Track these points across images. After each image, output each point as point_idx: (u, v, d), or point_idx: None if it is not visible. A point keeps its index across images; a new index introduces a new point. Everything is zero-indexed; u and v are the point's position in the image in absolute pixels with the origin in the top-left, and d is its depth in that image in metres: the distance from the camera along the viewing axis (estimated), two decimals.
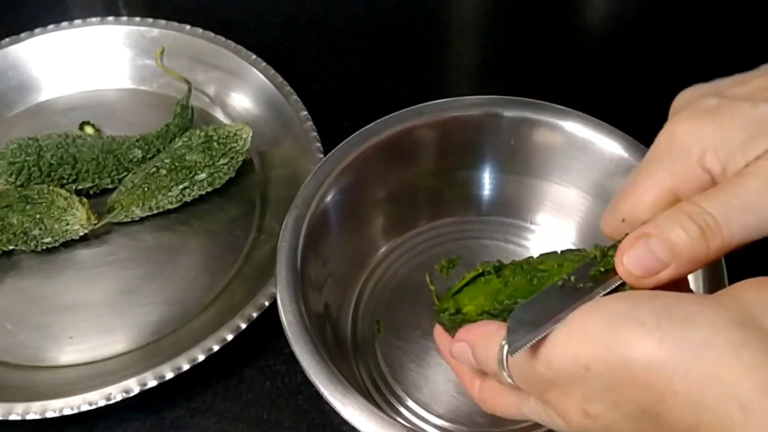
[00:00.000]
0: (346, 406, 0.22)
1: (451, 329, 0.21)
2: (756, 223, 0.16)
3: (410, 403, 0.27)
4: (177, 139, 0.34)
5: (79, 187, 0.33)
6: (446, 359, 0.22)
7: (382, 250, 0.31)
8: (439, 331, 0.22)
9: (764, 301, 0.15)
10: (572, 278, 0.18)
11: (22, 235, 0.31)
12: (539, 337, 0.16)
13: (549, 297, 0.18)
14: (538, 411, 0.18)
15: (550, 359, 0.16)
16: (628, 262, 0.17)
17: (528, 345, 0.16)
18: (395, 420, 0.23)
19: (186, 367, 0.27)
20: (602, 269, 0.18)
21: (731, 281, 0.24)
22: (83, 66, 0.38)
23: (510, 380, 0.18)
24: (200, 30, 0.38)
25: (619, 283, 0.17)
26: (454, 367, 0.21)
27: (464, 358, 0.19)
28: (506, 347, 0.17)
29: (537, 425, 0.26)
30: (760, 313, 0.15)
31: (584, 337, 0.15)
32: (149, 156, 0.34)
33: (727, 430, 0.14)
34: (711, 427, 0.14)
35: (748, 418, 0.14)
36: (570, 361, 0.16)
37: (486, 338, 0.18)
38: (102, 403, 0.26)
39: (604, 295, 0.17)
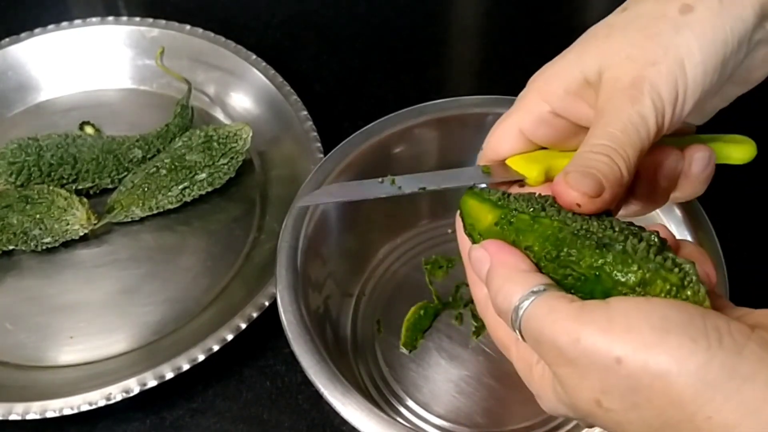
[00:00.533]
0: (346, 406, 0.22)
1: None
2: (635, 136, 0.18)
3: (410, 403, 0.27)
4: (177, 139, 0.34)
5: (79, 187, 0.33)
6: (463, 257, 0.20)
7: (382, 250, 0.31)
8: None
9: None
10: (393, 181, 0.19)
11: (22, 235, 0.31)
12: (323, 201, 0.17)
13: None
14: (529, 365, 0.17)
15: (579, 337, 0.15)
16: (575, 183, 0.17)
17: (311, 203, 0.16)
18: (395, 420, 0.23)
19: (186, 366, 0.27)
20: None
21: (732, 287, 0.24)
22: (83, 66, 0.38)
23: (519, 335, 0.17)
24: (200, 30, 0.38)
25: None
26: (467, 268, 0.20)
27: (478, 269, 0.18)
28: (526, 304, 0.16)
29: (539, 425, 0.26)
30: None
31: (627, 331, 0.15)
32: (149, 156, 0.34)
33: None
34: None
35: None
36: (604, 349, 0.15)
37: (510, 275, 0.17)
38: (102, 403, 0.26)
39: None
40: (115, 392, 0.26)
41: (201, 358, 0.27)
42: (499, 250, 0.18)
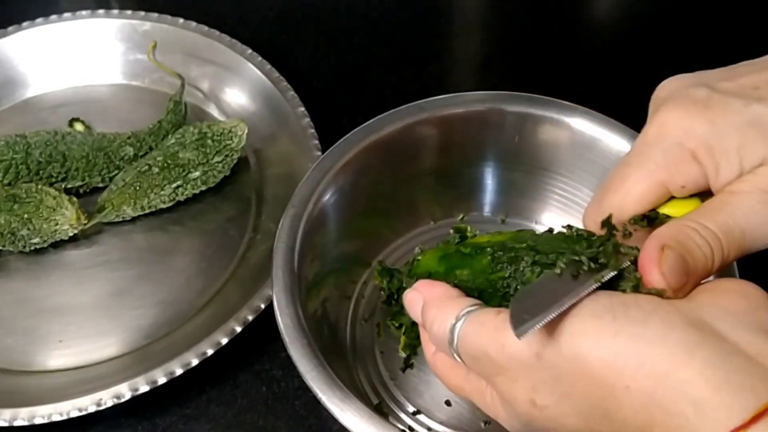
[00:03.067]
0: (345, 412, 0.22)
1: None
2: (750, 239, 0.17)
3: (411, 409, 0.27)
4: (170, 137, 0.33)
5: (69, 186, 0.33)
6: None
7: (383, 250, 0.30)
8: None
9: (716, 305, 0.15)
10: (566, 265, 0.18)
11: (9, 235, 0.31)
12: (548, 320, 0.16)
13: (549, 285, 0.18)
14: (482, 391, 0.18)
15: (503, 343, 0.16)
16: (669, 275, 0.16)
17: (536, 328, 0.16)
18: (395, 426, 0.22)
19: (179, 371, 0.26)
20: (605, 262, 0.17)
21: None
22: (73, 61, 0.37)
23: (458, 358, 0.18)
24: (194, 23, 0.37)
25: (612, 274, 0.17)
26: (415, 318, 0.20)
27: (412, 309, 0.19)
28: (459, 324, 0.17)
29: None
30: (712, 317, 0.15)
31: (541, 328, 0.15)
32: (141, 154, 0.33)
33: (681, 427, 0.14)
34: (664, 424, 0.14)
35: (702, 416, 0.14)
36: (522, 347, 0.16)
37: (441, 303, 0.18)
38: (92, 409, 0.26)
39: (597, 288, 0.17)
40: (106, 398, 0.26)
41: (195, 362, 0.26)
42: (429, 286, 0.19)
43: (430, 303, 0.19)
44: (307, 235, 0.26)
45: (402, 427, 0.26)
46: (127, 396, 0.26)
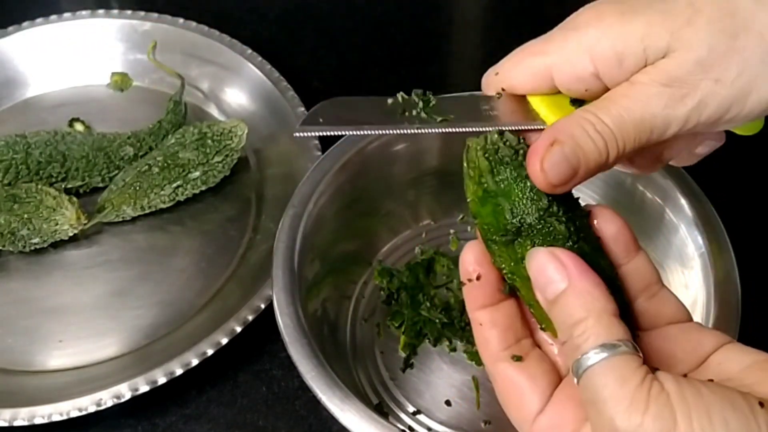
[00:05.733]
0: (345, 412, 0.22)
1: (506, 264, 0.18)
2: (644, 132, 0.17)
3: (411, 409, 0.27)
4: (170, 136, 0.33)
5: (69, 186, 0.33)
6: (471, 311, 0.18)
7: (382, 250, 0.30)
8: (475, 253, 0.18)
9: None
10: (404, 99, 0.17)
11: (9, 235, 0.31)
12: (329, 132, 0.16)
13: (372, 105, 0.18)
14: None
15: (642, 423, 0.14)
16: (550, 169, 0.17)
17: (313, 134, 0.16)
18: (395, 426, 0.22)
19: (179, 371, 0.26)
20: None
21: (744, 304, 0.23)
22: (73, 61, 0.37)
23: (576, 382, 0.15)
24: (194, 23, 0.37)
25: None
26: (475, 318, 0.18)
27: (543, 281, 0.16)
28: (595, 360, 0.15)
29: None
30: None
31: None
32: (141, 154, 0.33)
33: None
34: None
35: None
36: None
37: (591, 311, 0.15)
38: (92, 409, 0.26)
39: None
40: (106, 398, 0.26)
41: (195, 362, 0.26)
42: (582, 274, 0.16)
43: (579, 301, 0.15)
44: (307, 235, 0.26)
45: (402, 427, 0.26)
46: (127, 396, 0.26)
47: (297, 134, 0.17)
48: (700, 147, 0.20)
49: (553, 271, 0.16)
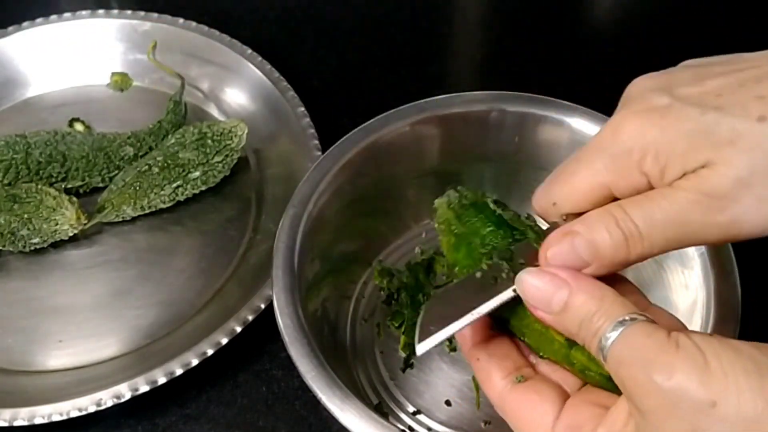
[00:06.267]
0: (345, 412, 0.22)
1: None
2: (676, 236, 0.17)
3: (411, 409, 0.27)
4: (170, 137, 0.33)
5: (69, 186, 0.33)
6: (466, 352, 0.19)
7: (383, 250, 0.30)
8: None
9: None
10: (489, 266, 0.18)
11: (9, 235, 0.31)
12: (447, 336, 0.16)
13: (464, 289, 0.18)
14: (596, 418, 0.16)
15: (675, 371, 0.14)
16: (552, 256, 0.17)
17: (434, 345, 0.16)
18: (395, 426, 0.22)
19: (179, 371, 0.26)
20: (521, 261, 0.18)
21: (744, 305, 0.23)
22: (73, 61, 0.37)
23: (603, 360, 0.15)
24: (194, 23, 0.37)
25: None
26: (471, 356, 0.18)
27: (546, 295, 0.16)
28: (619, 331, 0.15)
29: None
30: None
31: (724, 375, 0.14)
32: (141, 154, 0.33)
33: None
34: None
35: None
36: (700, 389, 0.14)
37: (604, 297, 0.16)
38: (92, 409, 0.26)
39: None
40: (106, 398, 0.26)
41: (195, 362, 0.26)
42: (577, 275, 0.16)
43: (587, 292, 0.16)
44: (307, 235, 0.26)
45: (402, 427, 0.26)
46: (127, 396, 0.26)
47: (420, 353, 0.17)
48: None
49: (549, 284, 0.16)
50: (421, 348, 0.17)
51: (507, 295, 0.17)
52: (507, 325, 0.18)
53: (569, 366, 0.17)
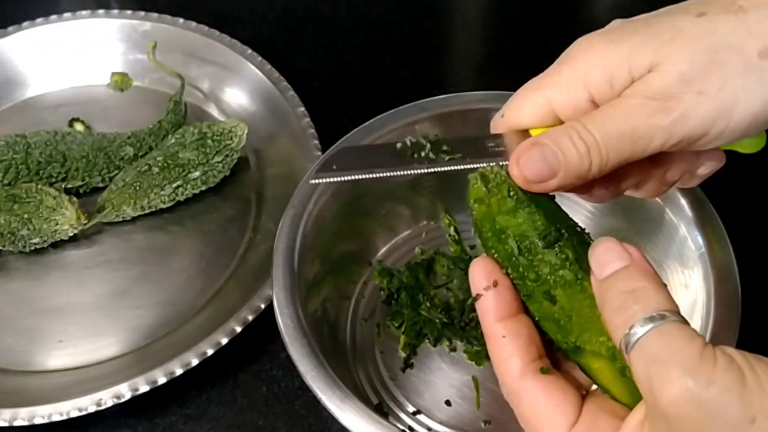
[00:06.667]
0: (345, 412, 0.22)
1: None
2: (628, 144, 0.18)
3: (411, 409, 0.27)
4: (170, 137, 0.33)
5: (69, 186, 0.32)
6: (486, 322, 0.17)
7: (382, 250, 0.30)
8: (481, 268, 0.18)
9: None
10: (412, 143, 0.18)
11: (9, 235, 0.31)
12: (347, 179, 0.17)
13: (381, 150, 0.19)
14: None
15: (713, 381, 0.14)
16: (525, 165, 0.18)
17: (330, 180, 0.17)
18: (395, 426, 0.22)
19: (179, 371, 0.26)
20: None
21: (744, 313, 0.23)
22: (73, 61, 0.37)
23: (625, 352, 0.15)
24: (194, 23, 0.37)
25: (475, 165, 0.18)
26: (492, 333, 0.17)
27: (605, 259, 0.16)
28: (653, 325, 0.14)
29: None
30: None
31: (763, 391, 0.14)
32: (141, 154, 0.33)
33: None
34: None
35: None
36: (739, 404, 0.14)
37: (652, 281, 0.15)
38: (92, 408, 0.26)
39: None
40: (106, 398, 0.26)
41: (195, 362, 0.26)
42: (643, 258, 0.16)
43: (643, 271, 0.15)
44: (307, 235, 0.26)
45: (402, 427, 0.26)
46: (127, 396, 0.26)
47: (313, 181, 0.18)
48: (701, 168, 0.20)
49: (619, 251, 0.16)
50: (314, 179, 0.17)
51: (419, 169, 0.18)
52: (529, 308, 0.17)
53: (610, 361, 0.16)
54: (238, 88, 0.36)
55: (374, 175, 0.18)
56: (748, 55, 0.17)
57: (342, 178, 0.17)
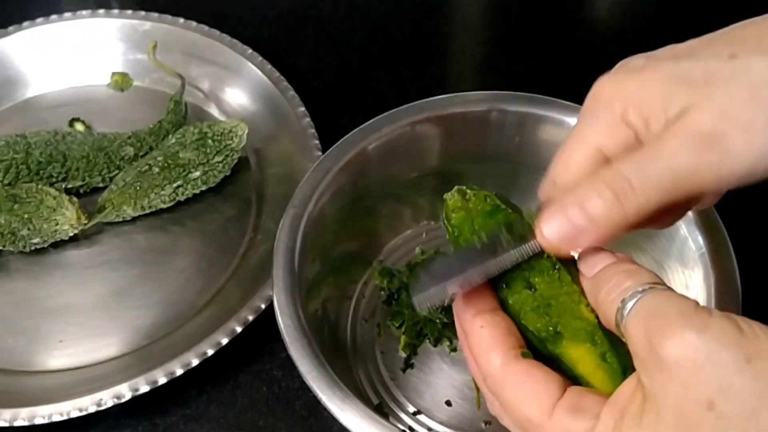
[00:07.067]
0: (345, 412, 0.22)
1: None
2: (671, 185, 0.16)
3: (411, 409, 0.27)
4: (170, 136, 0.33)
5: (69, 186, 0.32)
6: (463, 328, 0.18)
7: (383, 250, 0.30)
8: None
9: None
10: (488, 239, 0.18)
11: (9, 235, 0.31)
12: (447, 288, 0.16)
13: (464, 255, 0.18)
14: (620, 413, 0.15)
15: (708, 325, 0.14)
16: (549, 231, 0.17)
17: (430, 291, 0.16)
18: (396, 426, 0.22)
19: (179, 371, 0.26)
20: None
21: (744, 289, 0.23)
22: (73, 61, 0.37)
23: (618, 324, 0.15)
24: (194, 23, 0.37)
25: (538, 250, 0.17)
26: (468, 332, 0.17)
27: (590, 263, 0.17)
28: (641, 294, 0.15)
29: None
30: None
31: (755, 335, 0.14)
32: (141, 154, 0.33)
33: None
34: None
35: None
36: (733, 345, 0.14)
37: (629, 265, 0.16)
38: (93, 409, 0.26)
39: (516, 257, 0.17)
40: (106, 398, 0.26)
41: (195, 362, 0.26)
42: (629, 257, 0.17)
43: (630, 261, 0.16)
44: (307, 235, 0.26)
45: (402, 427, 0.26)
46: (128, 396, 0.26)
47: (416, 305, 0.17)
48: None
49: (607, 253, 0.16)
50: (418, 300, 0.16)
51: (512, 257, 0.17)
52: (506, 306, 0.18)
53: (591, 345, 0.17)
54: (239, 88, 0.36)
55: (481, 275, 0.17)
56: None
57: (450, 288, 0.17)
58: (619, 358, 0.17)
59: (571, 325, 0.17)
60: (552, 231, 0.17)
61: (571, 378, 0.17)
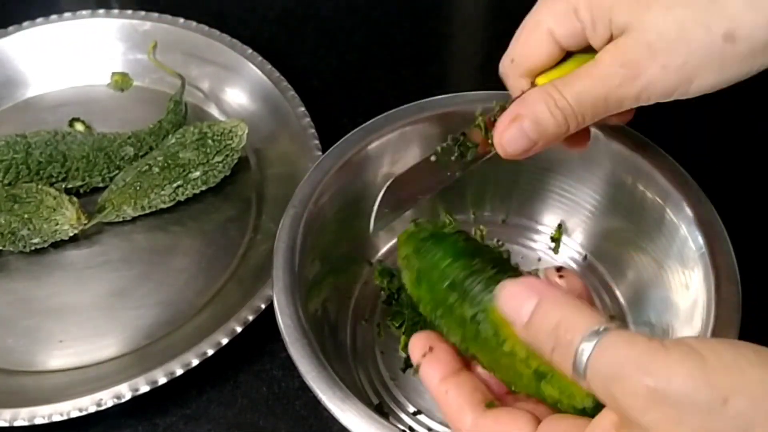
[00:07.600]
0: (345, 412, 0.22)
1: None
2: (601, 108, 0.20)
3: (411, 409, 0.27)
4: (170, 136, 0.33)
5: (69, 186, 0.33)
6: (432, 389, 0.18)
7: (383, 250, 0.30)
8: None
9: None
10: (442, 149, 0.20)
11: (9, 235, 0.31)
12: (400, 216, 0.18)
13: (420, 171, 0.20)
14: None
15: (674, 374, 0.13)
16: (507, 142, 0.21)
17: (388, 224, 0.18)
18: (396, 427, 0.22)
19: (179, 371, 0.26)
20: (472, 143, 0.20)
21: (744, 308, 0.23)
22: (73, 61, 0.37)
23: (583, 379, 0.15)
24: (194, 23, 0.37)
25: (491, 154, 0.21)
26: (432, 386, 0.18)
27: (514, 304, 0.16)
28: (595, 341, 0.14)
29: None
30: None
31: (727, 368, 0.13)
32: (141, 154, 0.33)
33: None
34: None
35: None
36: (706, 388, 0.13)
37: (574, 305, 0.15)
38: (93, 409, 0.26)
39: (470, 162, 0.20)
40: (106, 398, 0.26)
41: (195, 362, 0.26)
42: (550, 287, 0.16)
43: (557, 303, 0.15)
44: (307, 235, 0.26)
45: (402, 427, 0.26)
46: (128, 396, 0.26)
47: (372, 231, 0.19)
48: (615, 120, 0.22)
49: (522, 292, 0.16)
50: (375, 228, 0.19)
51: (459, 172, 0.20)
52: (477, 360, 0.18)
53: (542, 399, 0.17)
54: (239, 88, 0.36)
55: (421, 199, 0.19)
56: (713, 36, 0.18)
57: (399, 216, 0.19)
58: None
59: (519, 383, 0.17)
60: (510, 142, 0.20)
61: (552, 403, 0.17)
